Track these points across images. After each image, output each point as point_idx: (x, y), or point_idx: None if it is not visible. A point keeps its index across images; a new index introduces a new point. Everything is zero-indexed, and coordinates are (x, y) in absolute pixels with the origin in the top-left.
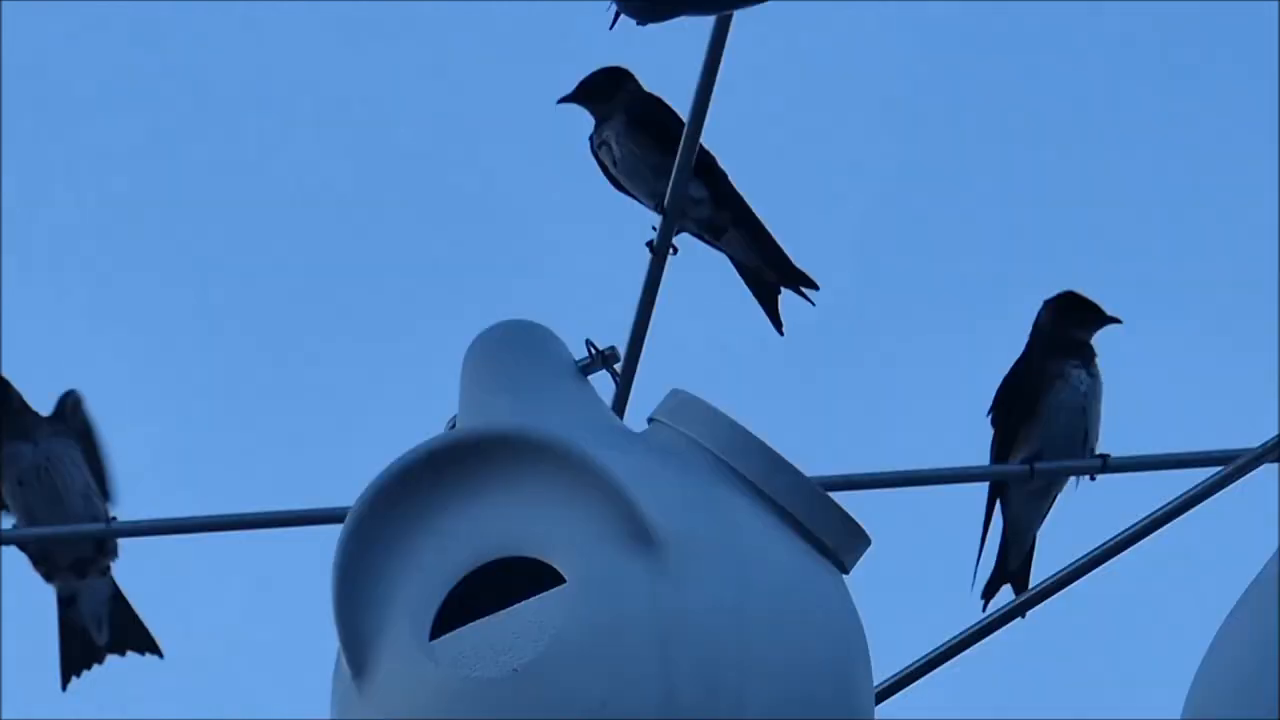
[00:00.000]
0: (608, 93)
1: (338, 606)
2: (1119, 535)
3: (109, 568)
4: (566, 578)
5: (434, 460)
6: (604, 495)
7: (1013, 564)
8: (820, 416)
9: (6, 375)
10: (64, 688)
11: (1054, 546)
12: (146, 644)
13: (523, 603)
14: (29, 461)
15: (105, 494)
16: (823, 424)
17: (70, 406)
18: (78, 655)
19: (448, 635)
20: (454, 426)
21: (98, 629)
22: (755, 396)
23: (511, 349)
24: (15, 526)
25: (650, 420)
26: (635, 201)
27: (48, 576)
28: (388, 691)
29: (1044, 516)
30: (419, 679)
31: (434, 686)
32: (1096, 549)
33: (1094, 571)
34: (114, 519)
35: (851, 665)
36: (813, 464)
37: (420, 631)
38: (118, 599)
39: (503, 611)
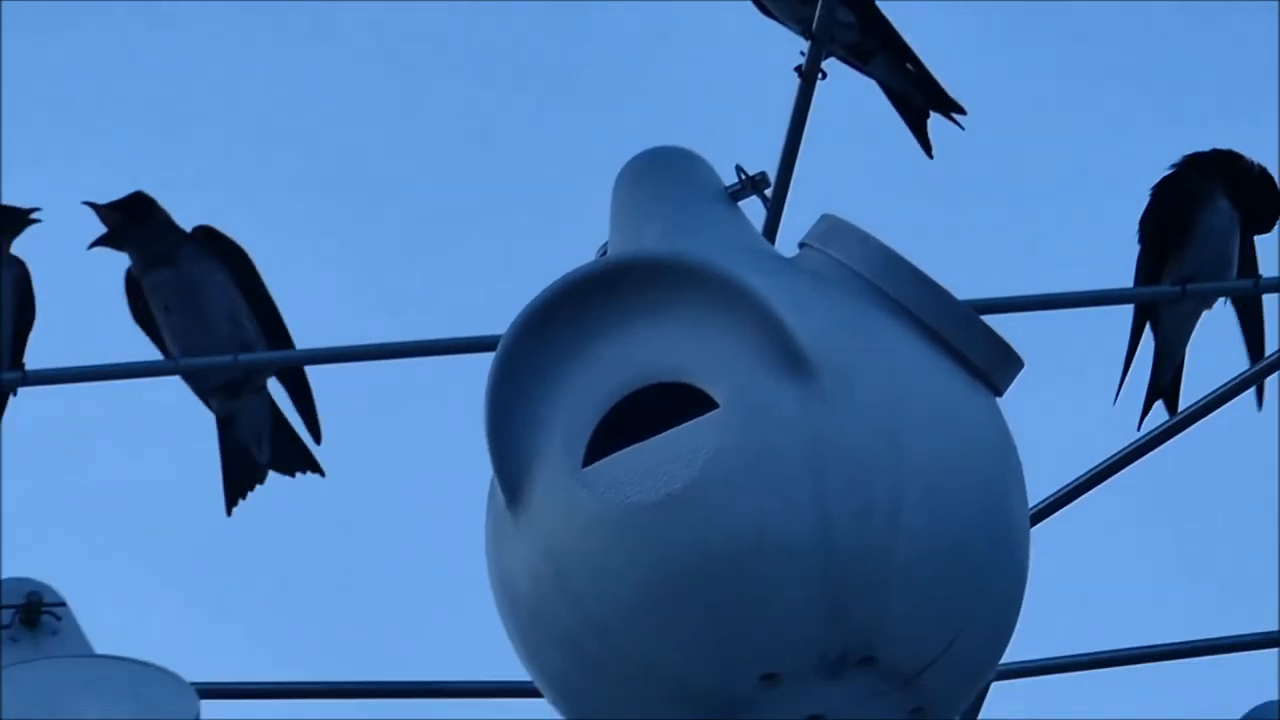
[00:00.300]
0: None
1: (491, 435)
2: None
3: (264, 385)
4: (719, 403)
5: (586, 287)
6: (756, 320)
7: (1163, 382)
8: (970, 239)
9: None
10: (229, 512)
11: (1201, 366)
12: (308, 463)
13: (675, 428)
14: (172, 287)
15: (256, 314)
16: (973, 247)
17: (214, 233)
18: (241, 477)
19: (601, 461)
20: (605, 253)
21: (258, 446)
22: (905, 220)
23: (662, 175)
24: (168, 352)
25: (801, 245)
26: (783, 27)
27: (204, 399)
28: (541, 519)
29: (1190, 336)
30: (572, 506)
31: (588, 513)
32: (1251, 369)
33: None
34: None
35: (1005, 487)
36: (964, 288)
37: (574, 458)
38: (277, 416)
39: (655, 437)
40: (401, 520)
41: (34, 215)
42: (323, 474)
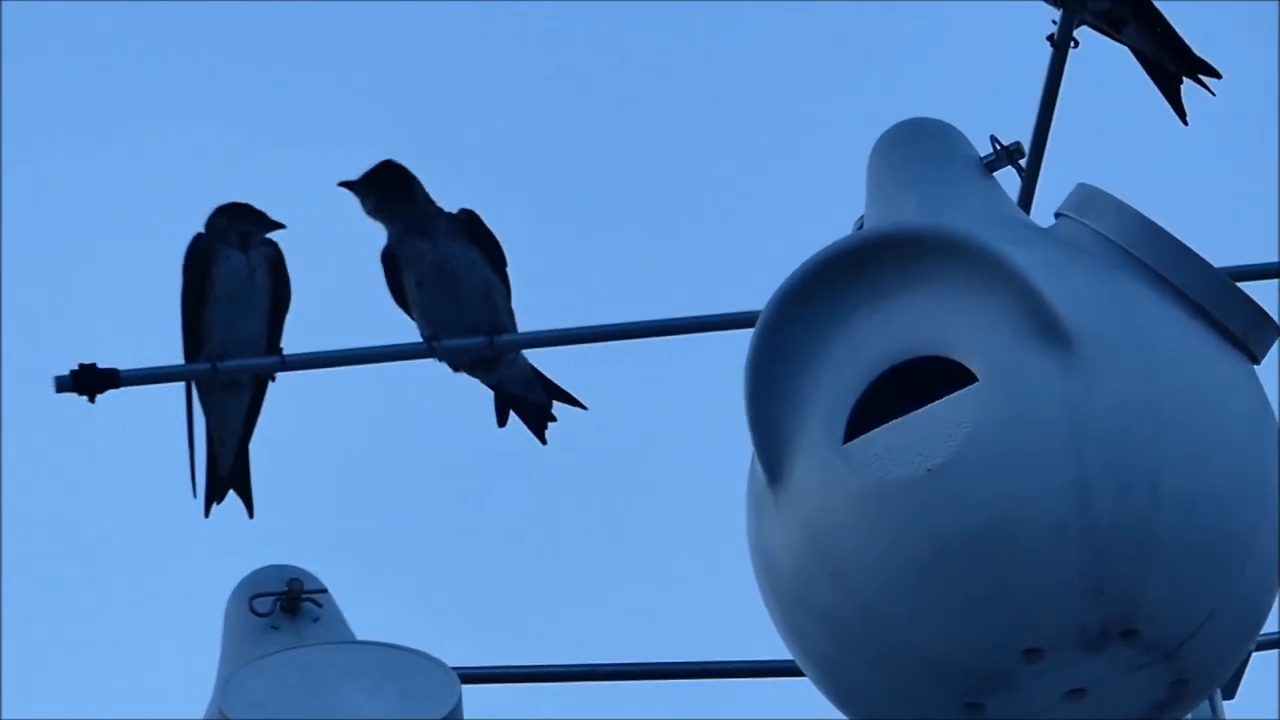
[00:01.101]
0: None
1: (751, 412)
2: None
3: (516, 357)
4: (978, 376)
5: (844, 261)
6: (1014, 291)
7: None
8: (1226, 206)
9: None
10: (544, 441)
11: None
12: (573, 400)
13: (935, 403)
14: (428, 261)
15: (508, 294)
16: (1229, 213)
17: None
18: (533, 415)
19: (861, 437)
20: (862, 227)
21: (531, 392)
22: (1160, 188)
23: (917, 147)
24: (421, 330)
25: (1057, 215)
26: None
27: (457, 370)
28: (802, 495)
29: None
30: (833, 482)
31: (849, 489)
32: None
33: None
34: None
35: (1264, 455)
36: (1220, 255)
37: (834, 434)
38: (537, 373)
39: (915, 412)
40: (661, 499)
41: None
42: (585, 407)
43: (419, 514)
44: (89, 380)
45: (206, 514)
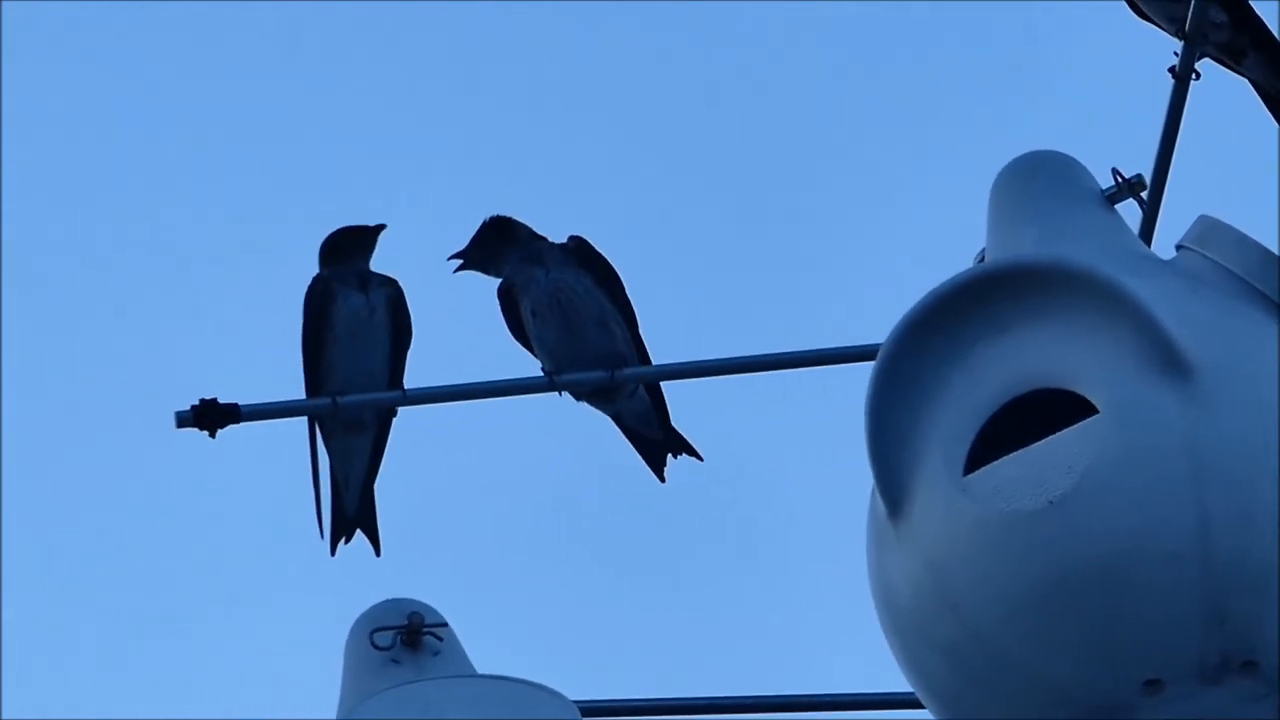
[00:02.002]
0: None
1: (872, 444)
2: None
3: (636, 389)
4: (1098, 408)
5: (965, 294)
6: (1135, 323)
7: None
8: None
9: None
10: (662, 479)
11: None
12: (689, 449)
13: (1055, 435)
14: (541, 288)
15: (628, 322)
16: None
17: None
18: (651, 451)
19: (982, 469)
20: (983, 259)
21: (651, 428)
22: None
23: (1038, 180)
24: (542, 365)
25: (1179, 247)
26: (1155, 27)
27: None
28: (923, 528)
29: None
30: (954, 514)
31: (969, 521)
32: None
33: None
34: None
35: None
36: None
37: (955, 467)
38: (658, 401)
39: (1035, 444)
40: (782, 531)
41: (380, 228)
42: (700, 458)
43: (539, 546)
44: (209, 415)
45: (333, 553)
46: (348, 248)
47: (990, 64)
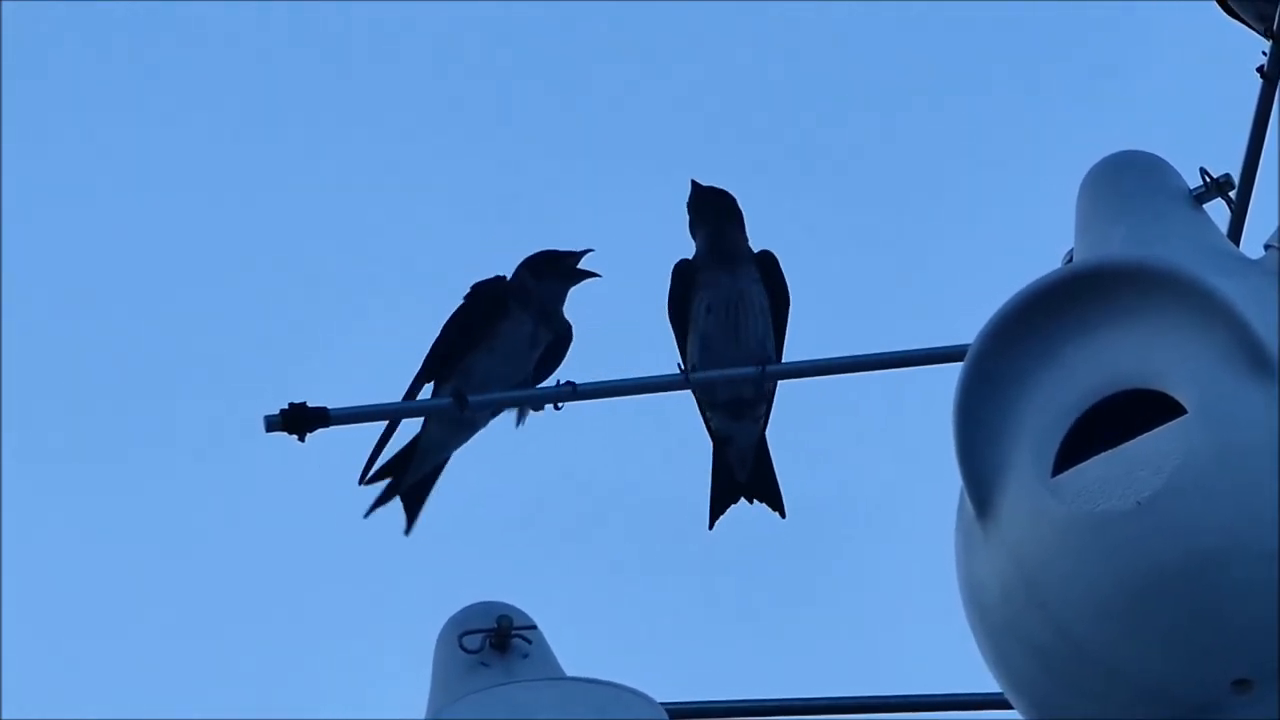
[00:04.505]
0: None
1: (960, 444)
2: None
3: (764, 414)
4: (1186, 407)
5: (1053, 294)
6: (1223, 323)
7: None
8: None
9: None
10: (711, 527)
11: None
12: (774, 500)
13: (1143, 435)
14: (724, 290)
15: (779, 341)
16: None
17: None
18: (723, 494)
19: (1070, 469)
20: (1071, 259)
21: (741, 468)
22: None
23: (1127, 179)
24: (684, 357)
25: (1267, 247)
26: (1244, 26)
27: (706, 414)
28: (1011, 527)
29: None
30: (1042, 514)
31: (1058, 522)
32: None
33: None
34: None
35: None
36: None
37: (1043, 467)
38: (762, 446)
39: (1124, 444)
40: (870, 532)
41: (586, 263)
42: (784, 515)
43: (626, 549)
44: (299, 419)
45: (366, 515)
46: (547, 273)
47: (1079, 65)
